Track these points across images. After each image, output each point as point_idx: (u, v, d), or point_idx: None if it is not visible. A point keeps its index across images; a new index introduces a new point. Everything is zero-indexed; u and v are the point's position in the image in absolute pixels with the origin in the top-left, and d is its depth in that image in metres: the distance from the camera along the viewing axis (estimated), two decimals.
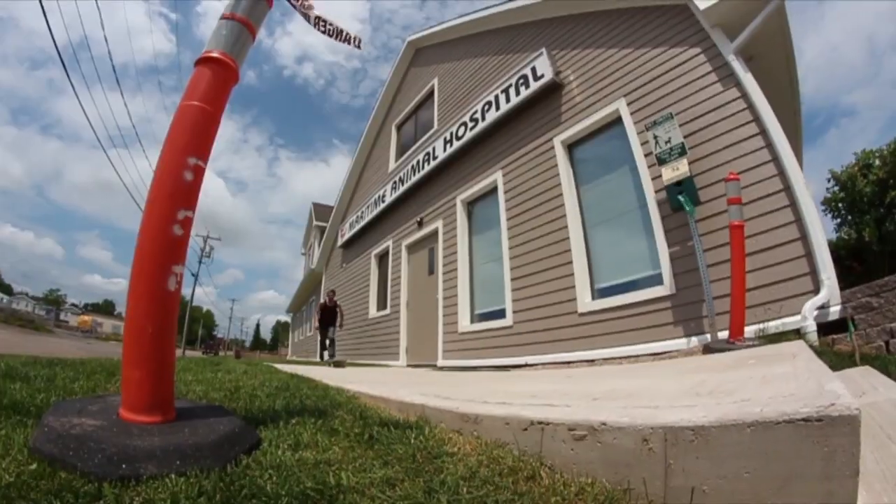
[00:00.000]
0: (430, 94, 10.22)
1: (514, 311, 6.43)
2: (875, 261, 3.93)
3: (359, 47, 1.90)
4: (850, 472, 0.78)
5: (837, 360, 3.13)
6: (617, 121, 5.65)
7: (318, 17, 1.77)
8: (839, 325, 3.79)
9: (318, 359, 11.54)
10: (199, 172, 1.30)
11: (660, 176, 4.81)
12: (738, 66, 4.70)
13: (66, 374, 2.15)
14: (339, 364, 8.76)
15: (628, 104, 5.49)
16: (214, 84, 1.40)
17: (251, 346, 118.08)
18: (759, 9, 4.69)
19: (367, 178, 13.24)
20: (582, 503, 0.90)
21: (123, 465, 0.87)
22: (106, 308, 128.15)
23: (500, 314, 6.75)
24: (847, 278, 4.03)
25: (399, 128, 11.79)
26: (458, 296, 7.66)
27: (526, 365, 5.89)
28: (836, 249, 4.18)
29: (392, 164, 11.43)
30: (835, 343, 3.74)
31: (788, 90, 6.66)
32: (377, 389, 2.42)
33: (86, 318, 66.90)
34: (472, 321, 7.48)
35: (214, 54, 1.42)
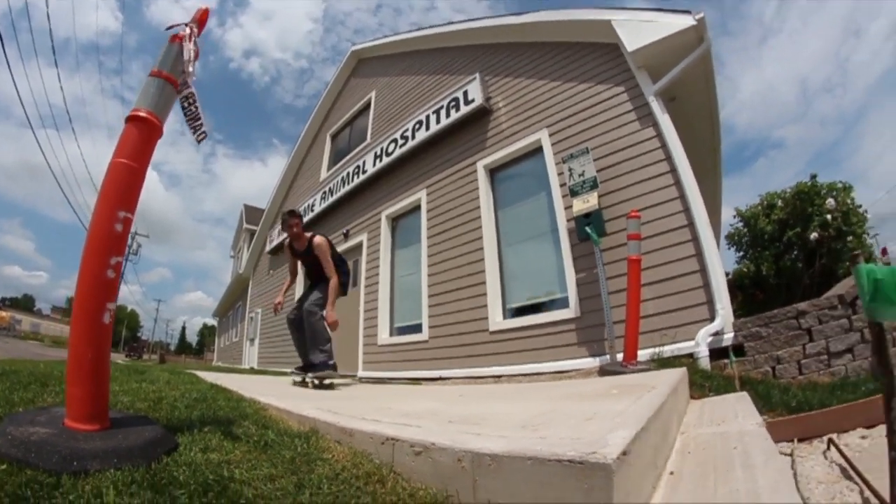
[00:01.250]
0: (367, 106, 10.13)
1: (431, 326, 6.44)
2: (772, 292, 4.24)
3: (198, 142, 1.87)
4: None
5: (723, 384, 3.32)
6: (538, 150, 5.77)
7: (190, 93, 1.79)
8: (736, 351, 4.03)
9: (288, 374, 5.23)
10: (127, 223, 1.52)
11: (571, 206, 4.95)
12: (656, 106, 4.91)
13: (3, 385, 2.29)
14: (322, 381, 4.53)
15: (550, 135, 5.63)
16: (140, 142, 1.59)
17: (176, 350, 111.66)
18: (683, 56, 4.95)
19: (298, 185, 12.90)
20: (413, 502, 1.17)
21: (74, 463, 1.16)
22: (25, 304, 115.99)
23: (418, 328, 6.76)
24: (751, 305, 4.30)
25: (334, 137, 11.59)
26: (378, 309, 7.62)
27: (441, 378, 5.86)
28: (740, 279, 4.49)
29: (324, 174, 11.20)
30: (725, 367, 3.95)
31: (709, 129, 7.07)
32: (284, 402, 2.60)
33: (3, 314, 60.64)
34: (391, 334, 7.46)
35: (142, 113, 1.60)
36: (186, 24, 1.79)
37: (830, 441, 2.42)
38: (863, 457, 2.12)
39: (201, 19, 1.85)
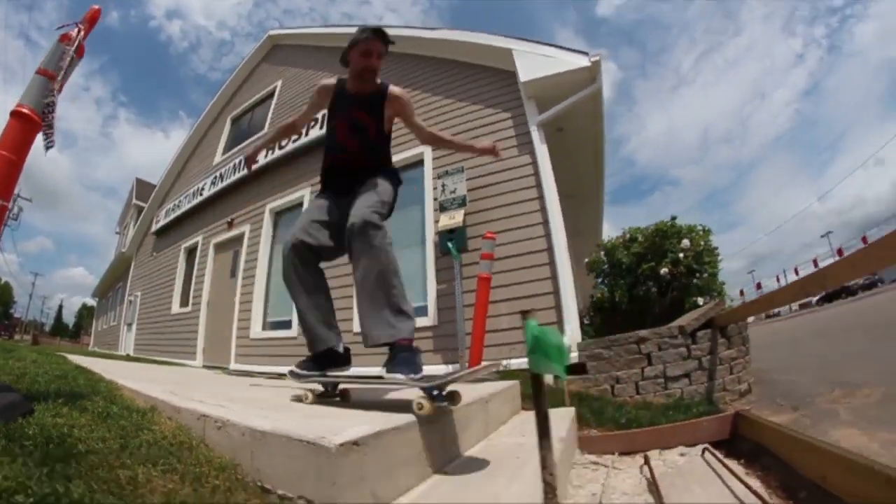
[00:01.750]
0: (272, 94, 9.81)
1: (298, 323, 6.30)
2: (626, 317, 4.62)
3: (46, 149, 1.89)
4: None
5: (559, 399, 3.51)
6: (419, 163, 5.91)
7: (53, 101, 1.80)
8: (578, 369, 4.30)
9: (285, 376, 2.56)
10: (2, 211, 1.66)
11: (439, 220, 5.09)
12: (536, 135, 5.19)
13: None
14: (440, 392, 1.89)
15: (433, 149, 5.75)
16: (21, 136, 1.70)
17: (51, 331, 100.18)
18: (574, 92, 5.28)
19: (192, 166, 12.17)
20: (209, 466, 1.32)
21: None
22: None
23: (287, 325, 6.68)
24: (611, 325, 4.65)
25: (234, 121, 11.09)
26: (253, 302, 7.40)
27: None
28: (600, 303, 4.84)
29: (218, 157, 10.67)
30: (569, 384, 4.14)
31: (593, 159, 7.55)
32: (139, 385, 2.65)
33: None
34: (263, 328, 7.29)
35: (24, 110, 1.71)
36: (77, 24, 1.86)
37: (645, 457, 2.60)
38: (672, 472, 2.29)
39: (92, 18, 1.90)
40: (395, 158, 5.99)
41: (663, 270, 4.43)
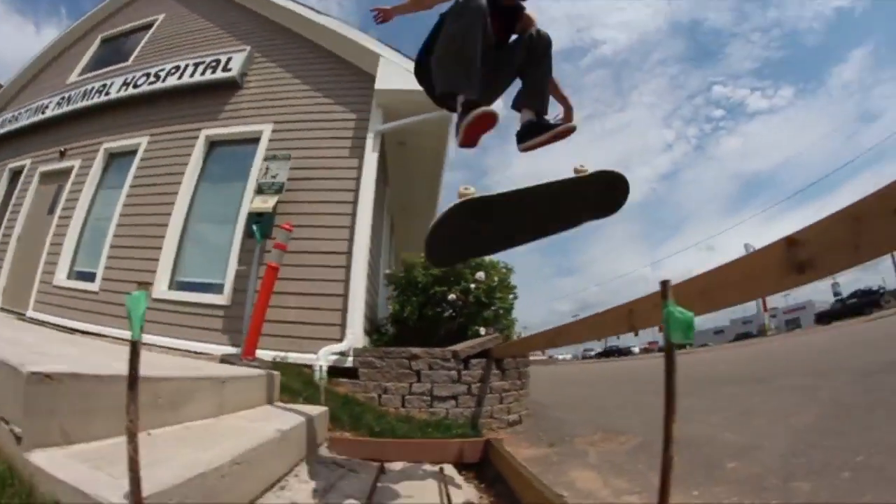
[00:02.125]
0: (149, 26, 9.12)
1: (104, 279, 6.07)
2: (415, 334, 4.93)
3: None
4: None
5: (317, 397, 3.62)
6: (257, 140, 5.89)
7: None
8: (350, 373, 4.52)
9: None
10: None
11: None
12: (371, 142, 5.41)
13: None
14: None
15: (273, 130, 5.82)
16: None
17: None
18: (421, 111, 5.49)
19: (46, 77, 10.85)
20: None
21: None
22: None
23: (92, 277, 6.28)
24: (403, 338, 4.93)
25: (104, 42, 10.16)
26: (64, 245, 6.81)
27: (101, 335, 5.48)
28: (397, 316, 5.12)
29: (73, 76, 9.70)
30: (338, 385, 4.40)
31: (431, 179, 7.89)
32: None
33: None
34: (69, 276, 6.73)
35: None
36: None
37: (381, 465, 2.84)
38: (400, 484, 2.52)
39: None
40: (234, 130, 6.14)
41: (451, 296, 4.82)
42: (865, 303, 29.14)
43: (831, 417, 3.55)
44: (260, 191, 5.07)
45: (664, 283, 1.19)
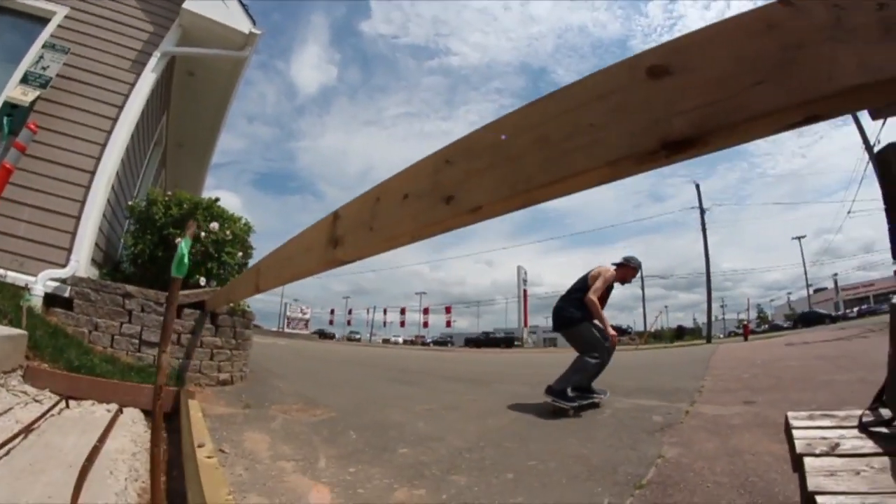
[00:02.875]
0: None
1: None
2: (147, 273, 4.46)
3: None
4: None
5: (18, 319, 3.28)
6: (45, 21, 5.03)
7: None
8: (65, 303, 4.15)
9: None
10: None
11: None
12: (154, 62, 4.92)
13: None
14: None
15: (66, 17, 5.02)
16: None
17: None
18: (218, 46, 5.11)
19: None
20: None
21: None
22: None
23: None
24: (145, 277, 4.40)
25: None
26: None
27: None
28: (132, 251, 4.56)
29: None
30: (50, 314, 4.03)
31: (213, 118, 7.38)
32: None
33: None
34: None
35: None
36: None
37: (66, 400, 2.76)
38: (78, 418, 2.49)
39: None
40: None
41: (178, 240, 4.53)
42: (621, 334, 37.70)
43: (525, 423, 3.75)
44: (25, 80, 4.52)
45: None
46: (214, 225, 4.70)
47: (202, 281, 4.59)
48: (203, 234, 4.64)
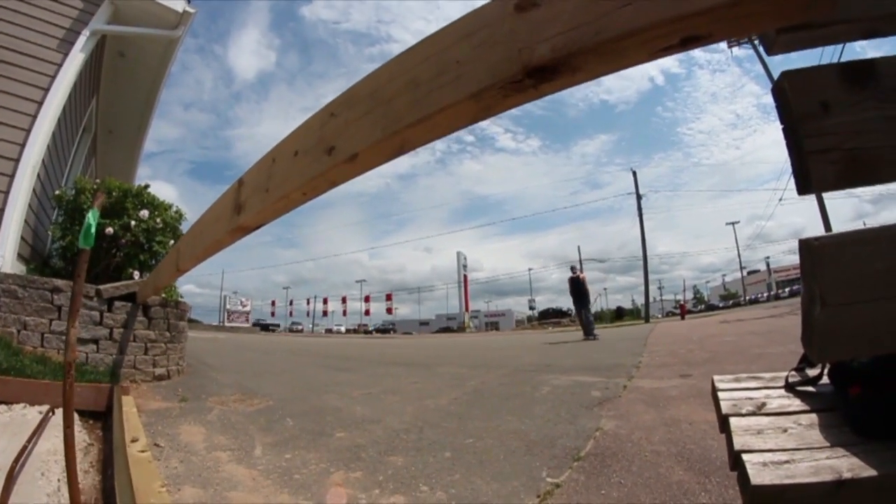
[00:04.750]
0: None
1: None
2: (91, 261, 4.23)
3: None
4: None
5: None
6: None
7: None
8: None
9: None
10: None
11: None
12: (81, 42, 4.67)
13: None
14: None
15: None
16: None
17: None
18: (151, 25, 4.86)
19: None
20: None
21: None
22: None
23: None
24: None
25: None
26: None
27: None
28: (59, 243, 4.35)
29: None
30: None
31: (144, 103, 7.10)
32: None
33: None
34: None
35: None
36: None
37: None
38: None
39: None
40: None
41: (109, 230, 4.34)
42: (553, 316, 44.19)
43: (464, 403, 3.76)
44: None
45: None
46: (144, 213, 4.52)
47: (136, 275, 4.41)
48: (133, 223, 4.46)
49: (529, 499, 1.88)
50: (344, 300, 63.53)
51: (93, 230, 1.53)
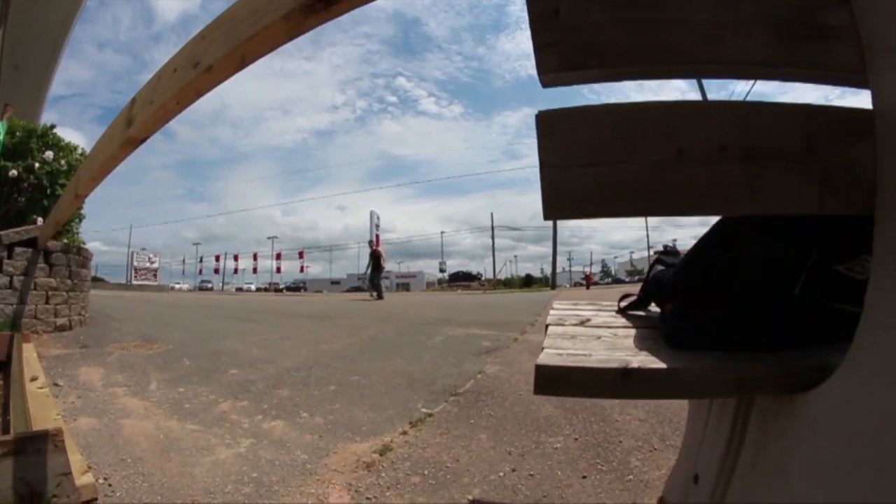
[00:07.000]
0: None
1: None
2: None
3: None
4: None
5: None
6: None
7: None
8: None
9: None
10: None
11: None
12: None
13: None
14: None
15: None
16: None
17: None
18: None
19: None
20: None
21: None
22: None
23: None
24: None
25: None
26: None
27: None
28: None
29: None
30: None
31: (58, 32, 6.82)
32: None
33: None
34: None
35: None
36: None
37: None
38: None
39: None
40: None
41: (13, 172, 4.16)
42: (462, 279, 48.75)
43: (357, 348, 3.93)
44: None
45: None
46: (49, 154, 4.35)
47: (39, 221, 4.25)
48: (37, 164, 4.29)
49: (402, 425, 2.10)
50: (255, 257, 60.47)
51: (1, 138, 1.56)
